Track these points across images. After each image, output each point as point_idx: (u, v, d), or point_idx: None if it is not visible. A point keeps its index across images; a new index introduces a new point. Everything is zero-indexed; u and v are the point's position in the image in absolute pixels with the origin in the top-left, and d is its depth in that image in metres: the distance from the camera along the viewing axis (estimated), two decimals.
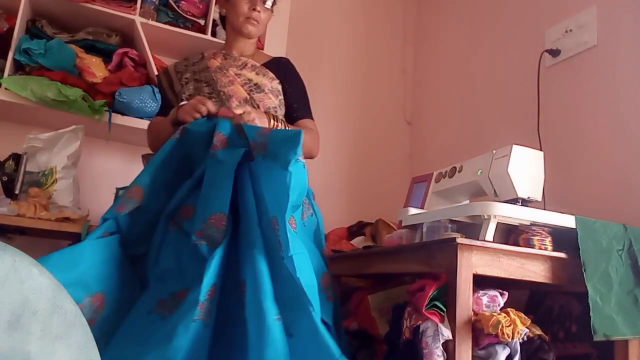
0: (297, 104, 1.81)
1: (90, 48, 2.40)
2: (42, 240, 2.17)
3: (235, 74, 1.74)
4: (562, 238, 1.50)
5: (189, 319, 1.18)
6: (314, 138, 1.77)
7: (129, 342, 1.23)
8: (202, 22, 2.57)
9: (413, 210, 1.80)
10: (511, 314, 1.36)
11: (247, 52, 1.83)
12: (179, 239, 1.40)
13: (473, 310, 1.37)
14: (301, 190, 1.32)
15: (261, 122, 1.57)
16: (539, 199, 1.61)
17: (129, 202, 1.38)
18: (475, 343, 1.36)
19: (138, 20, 2.41)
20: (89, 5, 2.34)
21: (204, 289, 1.22)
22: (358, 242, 2.42)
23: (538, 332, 1.46)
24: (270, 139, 1.39)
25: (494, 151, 1.66)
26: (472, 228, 1.53)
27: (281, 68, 1.82)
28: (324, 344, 1.22)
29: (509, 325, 1.33)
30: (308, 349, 1.23)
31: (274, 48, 2.55)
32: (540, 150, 1.76)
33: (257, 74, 1.75)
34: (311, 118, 1.84)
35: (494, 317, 1.33)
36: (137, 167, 1.62)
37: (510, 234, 1.53)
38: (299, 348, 1.23)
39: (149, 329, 1.24)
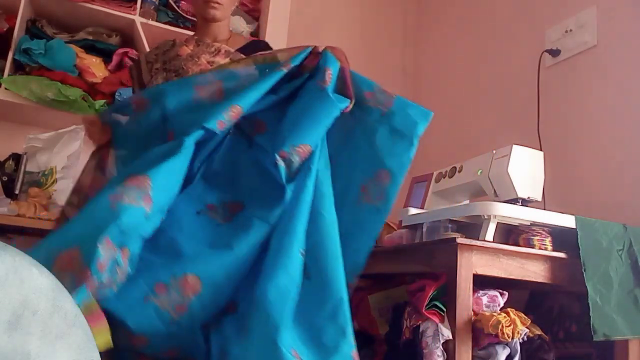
0: None
1: (90, 48, 2.40)
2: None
3: (208, 62, 1.64)
4: (562, 238, 1.50)
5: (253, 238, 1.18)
6: None
7: (182, 235, 1.21)
8: None
9: (413, 210, 1.80)
10: (511, 314, 1.36)
11: (221, 37, 1.73)
12: (239, 146, 1.35)
13: (473, 310, 1.37)
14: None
15: None
16: (539, 199, 1.61)
17: (230, 122, 1.28)
18: (475, 343, 1.36)
19: (138, 20, 2.41)
20: (89, 5, 2.34)
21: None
22: None
23: (538, 332, 1.46)
24: (398, 103, 1.34)
25: (494, 151, 1.66)
26: (472, 228, 1.53)
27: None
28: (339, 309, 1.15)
29: (509, 325, 1.33)
30: (316, 295, 1.17)
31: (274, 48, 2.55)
32: (540, 150, 1.76)
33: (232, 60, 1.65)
34: None
35: (494, 317, 1.33)
36: None
37: (510, 234, 1.53)
38: (308, 292, 1.18)
39: (204, 230, 1.24)
